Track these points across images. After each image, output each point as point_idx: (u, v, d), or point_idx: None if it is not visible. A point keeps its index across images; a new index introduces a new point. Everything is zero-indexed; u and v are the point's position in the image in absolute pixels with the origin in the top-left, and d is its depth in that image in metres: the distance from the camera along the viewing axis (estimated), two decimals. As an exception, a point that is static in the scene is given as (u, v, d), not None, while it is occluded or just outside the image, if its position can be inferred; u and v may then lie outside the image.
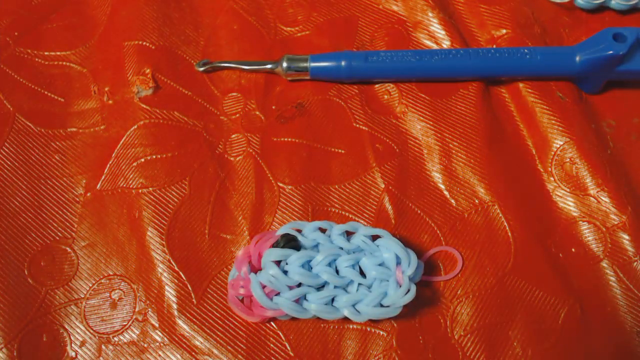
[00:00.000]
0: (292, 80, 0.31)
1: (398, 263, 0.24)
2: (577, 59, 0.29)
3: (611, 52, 0.28)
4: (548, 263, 0.27)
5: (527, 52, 0.30)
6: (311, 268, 0.25)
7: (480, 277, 0.27)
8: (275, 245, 0.25)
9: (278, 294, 0.24)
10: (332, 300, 0.24)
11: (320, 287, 0.25)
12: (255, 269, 0.25)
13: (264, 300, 0.24)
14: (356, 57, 0.30)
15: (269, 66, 0.31)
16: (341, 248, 0.25)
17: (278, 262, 0.24)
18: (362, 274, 0.25)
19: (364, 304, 0.24)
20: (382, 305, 0.24)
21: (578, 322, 0.26)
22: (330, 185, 0.29)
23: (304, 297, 0.24)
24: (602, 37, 0.29)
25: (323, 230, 0.26)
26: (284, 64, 0.30)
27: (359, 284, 0.25)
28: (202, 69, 0.31)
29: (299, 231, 0.26)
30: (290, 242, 0.25)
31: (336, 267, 0.25)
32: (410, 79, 0.31)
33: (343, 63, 0.30)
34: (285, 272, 0.24)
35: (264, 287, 0.24)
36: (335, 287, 0.24)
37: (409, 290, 0.24)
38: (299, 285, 0.24)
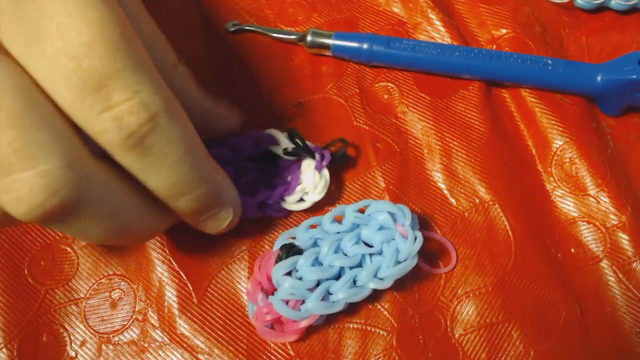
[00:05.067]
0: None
1: (395, 221, 0.25)
2: (599, 78, 0.29)
3: (634, 76, 0.28)
4: (548, 263, 0.27)
5: (550, 63, 0.29)
6: (321, 264, 0.25)
7: (481, 277, 0.27)
8: (278, 260, 0.25)
9: (303, 302, 0.24)
10: (355, 282, 0.25)
11: (337, 277, 0.25)
12: (270, 292, 0.25)
13: (293, 314, 0.24)
14: (378, 41, 0.30)
15: (293, 37, 0.32)
16: (338, 233, 0.25)
17: (289, 274, 0.24)
18: (369, 246, 0.25)
19: (384, 269, 0.24)
20: (399, 263, 0.24)
21: (578, 323, 0.26)
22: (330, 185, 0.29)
23: (328, 293, 0.24)
24: (628, 60, 0.28)
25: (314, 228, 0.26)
26: (309, 37, 0.31)
27: (370, 255, 0.25)
28: (232, 29, 0.32)
29: (293, 238, 0.26)
30: (291, 250, 0.25)
31: (343, 251, 0.25)
32: (427, 71, 0.31)
33: (365, 45, 0.30)
34: (300, 279, 0.24)
35: (287, 303, 0.24)
36: (350, 268, 0.25)
37: (416, 238, 0.24)
38: (318, 284, 0.24)
